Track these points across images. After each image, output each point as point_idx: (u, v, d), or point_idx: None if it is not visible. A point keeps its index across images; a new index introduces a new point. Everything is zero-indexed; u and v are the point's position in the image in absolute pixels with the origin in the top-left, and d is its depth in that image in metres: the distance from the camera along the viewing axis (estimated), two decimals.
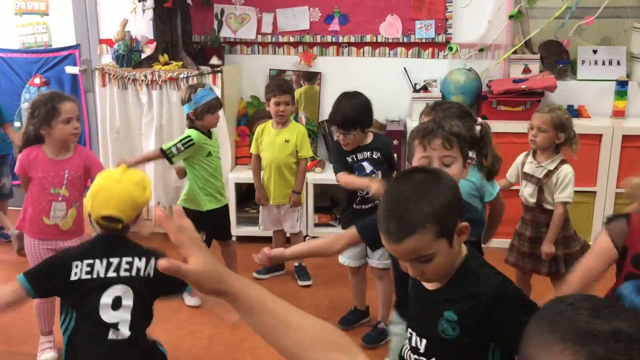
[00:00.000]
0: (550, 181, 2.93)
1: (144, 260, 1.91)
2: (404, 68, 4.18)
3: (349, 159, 2.87)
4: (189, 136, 3.07)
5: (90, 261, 1.87)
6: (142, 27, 4.29)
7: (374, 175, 2.81)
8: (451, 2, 4.05)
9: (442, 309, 1.37)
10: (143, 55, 4.18)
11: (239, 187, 4.11)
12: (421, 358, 1.42)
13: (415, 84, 4.15)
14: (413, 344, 1.44)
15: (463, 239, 1.38)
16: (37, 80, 4.63)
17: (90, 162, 2.73)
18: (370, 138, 2.86)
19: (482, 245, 1.98)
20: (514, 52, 3.98)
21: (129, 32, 4.22)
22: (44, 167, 2.61)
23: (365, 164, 2.84)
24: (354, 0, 4.12)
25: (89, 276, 1.86)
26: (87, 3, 4.43)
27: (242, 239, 4.06)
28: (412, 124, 3.93)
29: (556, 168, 2.92)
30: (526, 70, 3.99)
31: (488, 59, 4.09)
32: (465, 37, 4.11)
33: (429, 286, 1.42)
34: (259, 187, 3.50)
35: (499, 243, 3.88)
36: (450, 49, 4.13)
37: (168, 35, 4.07)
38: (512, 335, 1.23)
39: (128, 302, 1.86)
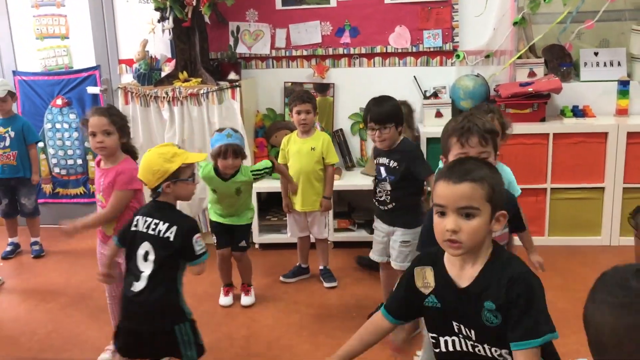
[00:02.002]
0: None
1: (167, 225, 2.25)
2: (414, 76, 4.35)
3: (376, 160, 3.03)
4: (201, 166, 3.25)
5: (139, 217, 2.32)
6: (161, 46, 4.47)
7: (386, 181, 2.94)
8: (457, 11, 4.22)
9: (482, 300, 1.47)
10: (163, 74, 4.35)
11: (259, 196, 4.25)
12: (476, 344, 1.53)
13: (425, 91, 4.32)
14: (464, 333, 1.53)
15: (498, 227, 1.49)
16: (59, 102, 4.80)
17: (119, 175, 2.69)
18: (397, 142, 2.97)
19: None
20: (519, 57, 4.15)
21: (148, 51, 4.39)
22: (95, 175, 2.84)
23: (382, 169, 2.98)
24: (364, 13, 4.30)
25: (135, 228, 2.30)
26: (106, 26, 4.61)
27: (264, 246, 4.22)
28: (424, 129, 4.09)
29: None
30: (531, 73, 4.16)
31: (494, 65, 4.26)
32: (472, 44, 4.28)
33: (462, 283, 1.52)
34: (285, 196, 3.65)
35: (515, 241, 4.04)
36: (458, 56, 4.30)
37: (187, 53, 4.24)
38: (516, 316, 1.43)
39: (152, 257, 2.24)
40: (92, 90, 4.70)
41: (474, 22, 4.22)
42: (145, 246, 2.26)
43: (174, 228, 2.24)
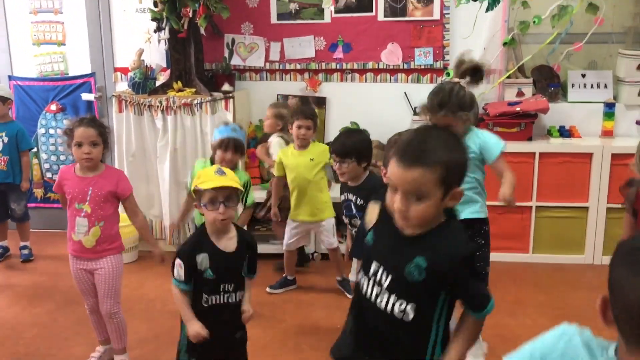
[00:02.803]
0: None
1: None
2: (405, 93, 4.42)
3: (343, 196, 3.04)
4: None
5: None
6: (156, 56, 4.53)
7: (356, 217, 2.95)
8: (448, 30, 4.31)
9: (415, 254, 1.48)
10: (157, 83, 4.40)
11: None
12: (383, 292, 1.53)
13: (415, 107, 4.39)
14: (378, 277, 1.54)
15: (453, 204, 1.51)
16: (53, 107, 4.84)
17: (119, 183, 2.79)
18: (362, 178, 2.96)
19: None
20: (508, 77, 4.23)
21: (143, 60, 4.45)
22: (72, 183, 2.76)
23: (351, 204, 3.02)
24: (357, 29, 4.37)
25: None
26: (102, 34, 4.66)
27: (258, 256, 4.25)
28: None
29: None
30: (520, 93, 4.24)
31: (483, 84, 4.31)
32: None
33: (406, 232, 1.51)
34: (275, 204, 3.75)
35: (500, 257, 4.11)
36: (448, 74, 4.36)
37: (182, 63, 4.30)
38: (464, 292, 1.53)
39: None
40: (86, 97, 4.75)
41: (465, 42, 4.27)
42: None
43: None
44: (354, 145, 2.82)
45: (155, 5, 4.15)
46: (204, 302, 2.19)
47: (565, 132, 4.20)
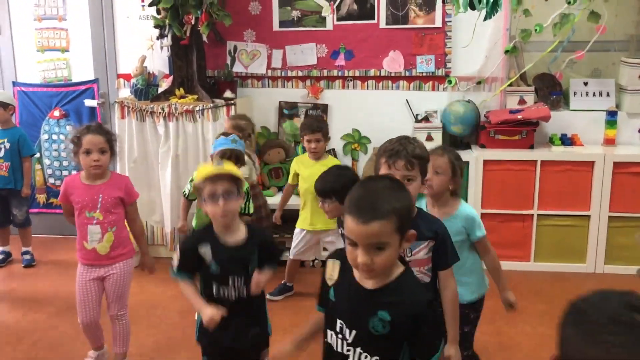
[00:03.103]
0: None
1: None
2: (406, 100, 4.43)
3: (340, 231, 2.94)
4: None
5: None
6: (159, 62, 4.55)
7: None
8: (450, 38, 4.31)
9: (378, 308, 1.53)
10: (160, 89, 4.42)
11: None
12: (349, 347, 1.59)
13: (417, 115, 4.39)
14: (342, 332, 1.60)
15: (407, 245, 1.59)
16: (56, 113, 4.87)
17: (126, 189, 2.85)
18: None
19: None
20: (510, 85, 4.23)
21: (146, 67, 4.47)
22: (80, 192, 2.75)
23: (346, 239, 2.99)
24: (359, 37, 4.38)
25: None
26: (106, 40, 4.69)
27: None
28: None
29: None
30: (521, 101, 4.24)
31: (485, 91, 4.34)
32: (464, 70, 4.36)
33: (368, 285, 1.56)
34: (280, 209, 3.86)
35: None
36: (450, 82, 4.38)
37: (184, 70, 4.32)
38: (419, 339, 1.55)
39: None
40: (89, 103, 4.77)
41: (467, 50, 4.29)
42: None
43: None
44: (332, 186, 2.65)
45: (158, 12, 4.17)
46: (215, 294, 2.18)
47: (567, 140, 4.19)
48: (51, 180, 4.97)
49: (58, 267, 4.29)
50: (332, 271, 1.67)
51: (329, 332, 1.65)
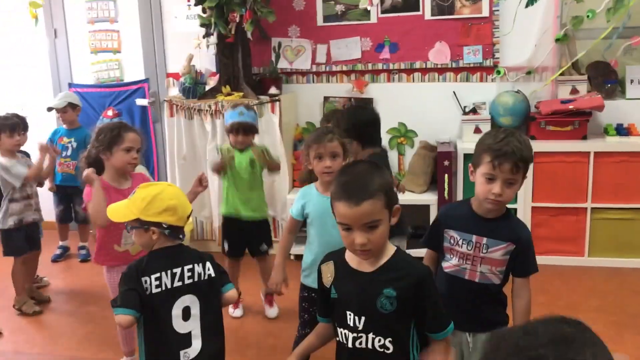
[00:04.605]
0: None
1: (201, 263, 1.97)
2: (453, 92, 4.34)
3: None
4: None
5: (158, 275, 1.89)
6: (206, 61, 4.62)
7: None
8: (498, 27, 4.20)
9: (382, 287, 1.57)
10: (207, 87, 4.49)
11: None
12: (360, 334, 1.60)
13: (465, 107, 4.30)
14: (350, 323, 1.61)
15: (395, 221, 1.62)
16: (110, 113, 4.99)
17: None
18: None
19: None
20: (561, 74, 4.09)
21: (193, 66, 4.55)
22: (110, 196, 2.59)
23: None
24: (404, 29, 4.33)
25: (157, 289, 1.88)
26: (155, 41, 4.80)
27: (299, 257, 4.26)
28: (463, 145, 4.08)
29: None
30: (574, 91, 4.09)
31: (535, 81, 4.21)
32: (513, 60, 4.24)
33: (366, 269, 1.61)
34: None
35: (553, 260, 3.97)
36: (498, 72, 4.27)
37: (230, 68, 4.37)
38: (427, 313, 1.60)
39: (194, 311, 1.93)
40: (140, 102, 4.90)
41: (515, 38, 4.18)
42: (182, 302, 1.91)
43: (208, 262, 1.99)
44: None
45: (204, 11, 4.24)
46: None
47: (622, 130, 4.01)
48: None
49: None
50: (328, 272, 1.70)
51: (340, 331, 1.66)
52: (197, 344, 1.91)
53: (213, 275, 1.98)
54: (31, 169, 3.66)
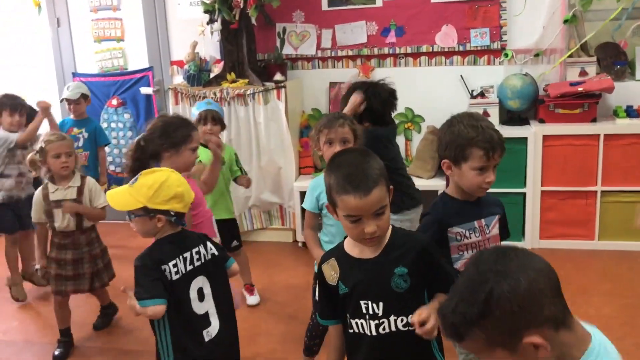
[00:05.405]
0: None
1: (202, 244, 2.02)
2: (461, 76, 4.30)
3: None
4: None
5: (173, 262, 1.93)
6: (210, 48, 4.59)
7: None
8: (505, 9, 4.15)
9: (392, 267, 1.59)
10: (212, 75, 4.46)
11: (303, 195, 4.28)
12: (381, 320, 1.60)
13: (472, 91, 4.26)
14: (370, 311, 1.60)
15: (390, 199, 1.61)
16: (114, 102, 4.99)
17: None
18: None
19: None
20: (570, 56, 4.03)
21: (198, 53, 4.51)
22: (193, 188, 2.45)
23: None
24: (410, 12, 4.27)
25: (177, 276, 1.92)
26: (158, 28, 4.76)
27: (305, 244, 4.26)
28: None
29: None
30: (583, 73, 4.04)
31: (544, 64, 4.15)
32: (521, 43, 4.19)
33: (370, 255, 1.61)
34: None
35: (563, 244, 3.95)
36: (506, 55, 4.22)
37: (234, 54, 4.33)
38: (437, 275, 1.63)
39: (207, 290, 1.98)
40: (145, 90, 4.87)
41: (523, 20, 4.13)
42: (196, 284, 1.96)
43: (207, 242, 2.05)
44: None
45: None
46: None
47: (632, 112, 3.96)
48: (112, 168, 5.12)
49: (118, 250, 4.41)
50: (331, 271, 1.68)
51: (355, 322, 1.64)
52: (215, 322, 1.97)
53: (216, 253, 2.04)
54: (24, 133, 3.58)
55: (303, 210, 2.57)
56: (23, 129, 3.70)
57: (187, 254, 1.95)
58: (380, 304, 1.59)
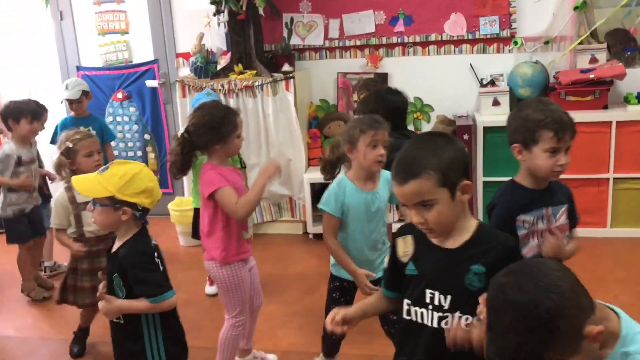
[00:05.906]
0: None
1: None
2: (470, 64, 4.27)
3: None
4: None
5: None
6: (217, 39, 4.54)
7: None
8: None
9: (470, 263, 1.52)
10: (219, 66, 4.42)
11: (312, 186, 4.27)
12: (446, 313, 1.55)
13: (482, 79, 4.24)
14: (436, 302, 1.55)
15: (467, 198, 1.53)
16: (119, 95, 4.95)
17: None
18: None
19: None
20: (580, 43, 4.01)
21: (204, 45, 4.47)
22: (232, 177, 2.40)
23: None
24: (418, 1, 4.24)
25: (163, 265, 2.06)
26: (164, 20, 4.72)
27: (318, 236, 4.25)
28: (481, 118, 4.02)
29: None
30: (593, 60, 4.01)
31: (554, 51, 4.13)
32: (530, 30, 4.16)
33: (450, 245, 1.55)
34: None
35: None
36: (516, 43, 4.20)
37: (242, 45, 4.30)
38: None
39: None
40: (150, 83, 4.83)
41: (533, 8, 4.10)
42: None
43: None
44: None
45: None
46: None
47: None
48: None
49: None
50: (405, 247, 1.63)
51: (415, 310, 1.60)
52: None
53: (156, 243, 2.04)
54: (11, 180, 3.48)
55: (313, 202, 2.49)
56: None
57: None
58: (449, 297, 1.55)
